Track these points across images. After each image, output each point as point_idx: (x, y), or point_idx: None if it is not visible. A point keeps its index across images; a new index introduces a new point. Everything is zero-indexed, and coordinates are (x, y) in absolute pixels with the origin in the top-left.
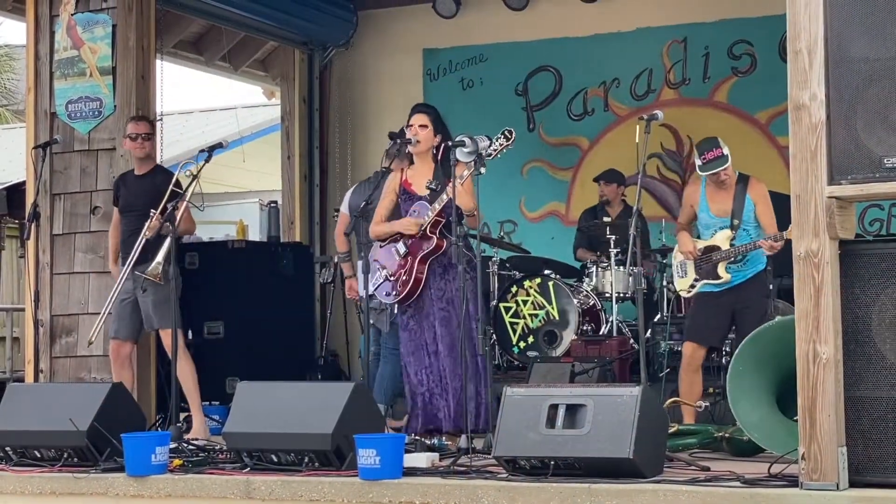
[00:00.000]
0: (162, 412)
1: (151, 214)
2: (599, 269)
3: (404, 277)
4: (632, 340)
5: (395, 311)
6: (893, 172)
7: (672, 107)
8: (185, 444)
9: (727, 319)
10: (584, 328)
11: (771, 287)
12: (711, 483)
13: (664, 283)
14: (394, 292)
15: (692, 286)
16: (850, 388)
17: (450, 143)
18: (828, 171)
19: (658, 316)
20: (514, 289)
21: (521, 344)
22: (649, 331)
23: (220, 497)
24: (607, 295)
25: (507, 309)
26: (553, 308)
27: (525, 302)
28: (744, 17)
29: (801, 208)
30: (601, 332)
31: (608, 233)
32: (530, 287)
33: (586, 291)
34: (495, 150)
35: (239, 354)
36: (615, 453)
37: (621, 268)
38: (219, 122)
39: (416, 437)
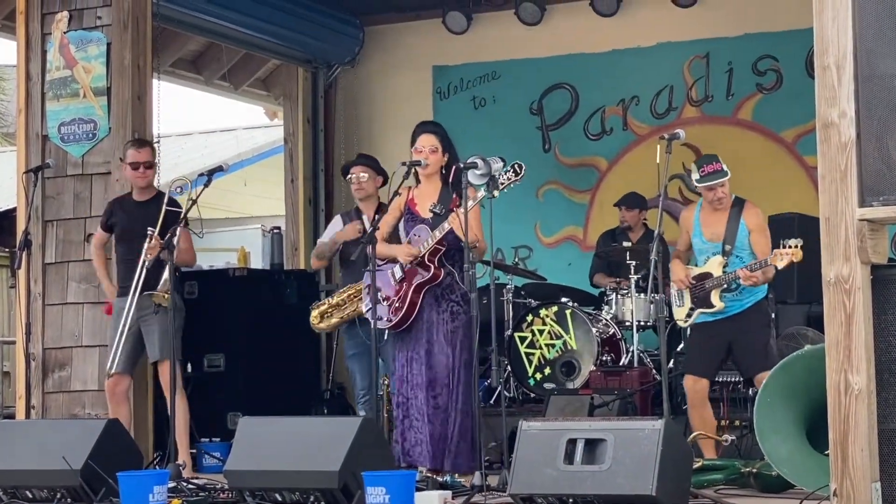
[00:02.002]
0: (160, 449)
1: (150, 233)
2: (619, 296)
3: (397, 304)
4: (654, 371)
5: (386, 337)
6: None
7: (694, 125)
8: (185, 483)
9: (722, 351)
10: (604, 358)
11: (773, 316)
12: None
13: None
14: (386, 318)
15: (688, 315)
16: (884, 420)
17: (461, 166)
18: (858, 193)
19: (681, 345)
20: (529, 318)
21: (538, 375)
22: (672, 361)
23: None
24: (627, 323)
25: (523, 339)
26: (571, 337)
27: (541, 331)
28: (769, 32)
29: (830, 231)
30: (621, 363)
31: (628, 258)
32: (546, 316)
33: (605, 320)
34: (502, 185)
35: (241, 388)
36: (637, 490)
37: (642, 295)
38: (219, 144)
39: (428, 475)
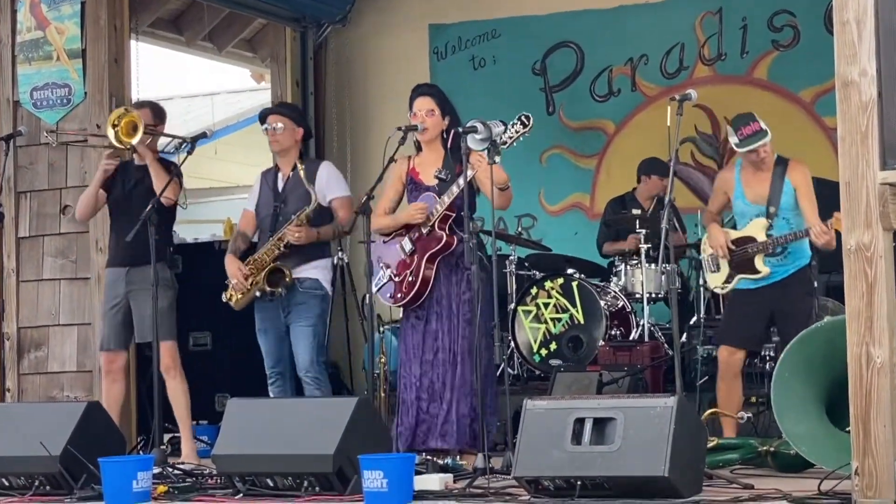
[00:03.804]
0: (144, 433)
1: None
2: (629, 267)
3: (410, 278)
4: (665, 346)
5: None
6: None
7: (707, 85)
8: (171, 469)
9: (765, 320)
10: (613, 333)
11: (816, 284)
12: (755, 502)
13: (700, 281)
14: (399, 294)
15: (727, 282)
16: None
17: (461, 130)
18: (880, 155)
19: (694, 318)
20: (534, 290)
21: (543, 351)
22: (685, 335)
23: None
24: (637, 295)
25: (527, 313)
26: (577, 311)
27: (546, 305)
28: None
29: (851, 196)
30: (631, 337)
31: (638, 226)
32: (552, 288)
33: (614, 292)
34: (510, 138)
35: (229, 368)
36: (649, 471)
37: (653, 265)
38: (202, 108)
39: (428, 457)
